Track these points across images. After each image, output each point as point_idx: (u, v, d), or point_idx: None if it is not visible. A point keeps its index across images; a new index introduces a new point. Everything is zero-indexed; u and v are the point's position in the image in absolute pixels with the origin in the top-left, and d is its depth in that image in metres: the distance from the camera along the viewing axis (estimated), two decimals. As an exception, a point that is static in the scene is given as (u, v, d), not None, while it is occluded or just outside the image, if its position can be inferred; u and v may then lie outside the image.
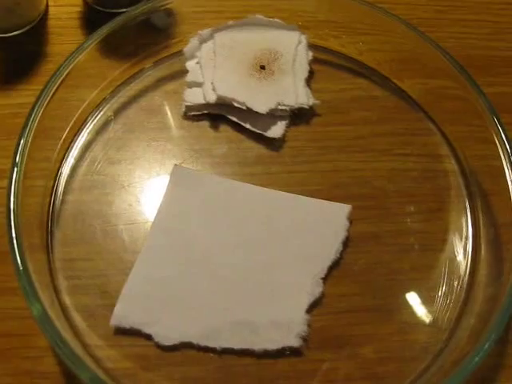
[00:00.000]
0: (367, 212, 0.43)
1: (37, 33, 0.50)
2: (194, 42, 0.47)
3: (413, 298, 0.40)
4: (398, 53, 0.49)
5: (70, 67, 0.44)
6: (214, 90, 0.44)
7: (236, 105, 0.44)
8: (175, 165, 0.43)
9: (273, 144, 0.45)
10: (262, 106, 0.43)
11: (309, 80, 0.47)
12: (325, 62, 0.49)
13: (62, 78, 0.43)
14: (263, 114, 0.44)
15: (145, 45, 0.48)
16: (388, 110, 0.47)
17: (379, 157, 0.45)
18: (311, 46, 0.48)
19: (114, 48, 0.47)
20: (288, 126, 0.45)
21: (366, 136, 0.46)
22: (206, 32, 0.47)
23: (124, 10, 0.50)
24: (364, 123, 0.46)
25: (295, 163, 0.44)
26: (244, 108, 0.44)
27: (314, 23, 0.50)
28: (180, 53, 0.48)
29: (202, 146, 0.45)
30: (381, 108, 0.47)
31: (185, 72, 0.47)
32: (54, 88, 0.43)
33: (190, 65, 0.47)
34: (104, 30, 0.45)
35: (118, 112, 0.46)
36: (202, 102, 0.45)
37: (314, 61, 0.48)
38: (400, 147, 0.46)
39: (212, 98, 0.44)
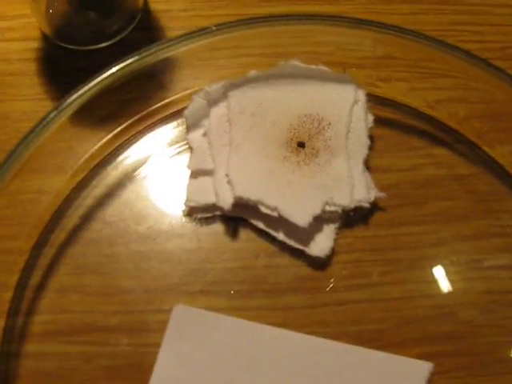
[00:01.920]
0: (451, 361, 0.30)
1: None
2: (198, 101, 0.32)
3: None
4: (487, 105, 0.34)
5: (30, 149, 0.30)
6: (229, 186, 0.30)
7: (263, 210, 0.30)
8: (176, 305, 0.30)
9: (317, 259, 0.31)
10: (301, 214, 0.29)
11: (367, 157, 0.33)
12: (386, 123, 0.34)
13: (15, 164, 0.30)
14: (303, 222, 0.30)
15: (129, 106, 0.34)
16: (479, 196, 0.33)
17: (466, 273, 0.31)
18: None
19: (88, 115, 0.32)
20: (339, 229, 0.31)
21: (449, 240, 0.32)
22: (215, 88, 0.32)
23: (94, 46, 0.35)
24: (445, 220, 0.32)
25: (349, 288, 0.31)
26: (275, 215, 0.30)
27: (368, 61, 0.35)
28: (178, 116, 0.33)
29: (213, 262, 0.31)
30: (468, 194, 0.33)
31: (186, 148, 0.33)
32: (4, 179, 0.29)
33: (194, 138, 0.32)
34: (79, 97, 0.31)
35: (92, 210, 0.32)
36: (213, 202, 0.30)
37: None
38: (495, 256, 0.32)
39: (227, 203, 0.30)
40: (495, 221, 0.32)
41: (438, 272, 0.31)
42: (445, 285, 0.31)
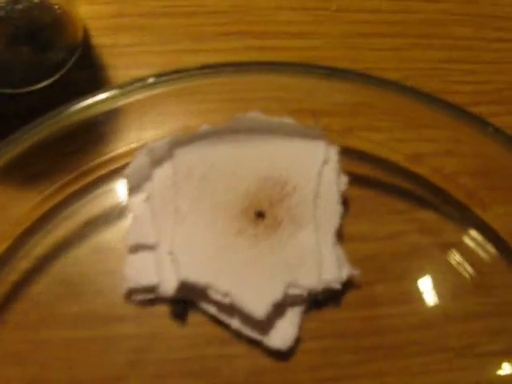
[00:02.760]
0: None
1: None
2: (140, 159, 0.28)
3: None
4: (477, 160, 0.29)
5: None
6: (173, 266, 0.25)
7: (214, 296, 0.25)
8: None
9: (277, 350, 0.26)
10: (258, 302, 0.25)
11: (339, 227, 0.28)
12: (362, 181, 0.30)
13: None
14: (261, 309, 0.25)
15: (64, 161, 0.29)
16: (470, 268, 0.28)
17: (455, 361, 0.27)
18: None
19: (16, 172, 0.28)
20: (305, 313, 0.27)
21: (435, 323, 0.27)
22: (160, 144, 0.27)
23: (27, 89, 0.31)
24: (431, 298, 0.28)
25: (315, 382, 0.26)
26: (227, 302, 0.25)
27: (342, 108, 0.30)
28: (122, 174, 0.29)
29: (157, 351, 0.26)
30: (458, 265, 0.28)
31: (127, 213, 0.28)
32: None
33: (135, 204, 0.27)
34: (6, 152, 0.27)
35: (17, 287, 0.28)
36: (155, 283, 0.26)
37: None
38: (489, 340, 0.27)
39: (171, 287, 0.25)
40: (489, 298, 0.28)
41: (423, 361, 0.27)
42: (430, 376, 0.27)
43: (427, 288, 0.28)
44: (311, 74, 0.26)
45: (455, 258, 0.28)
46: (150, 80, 0.26)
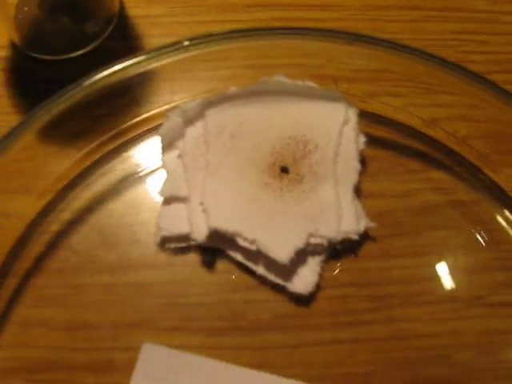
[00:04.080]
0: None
1: None
2: (173, 119, 0.30)
3: None
4: (491, 125, 0.31)
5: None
6: (204, 215, 0.27)
7: (241, 243, 0.27)
8: (145, 344, 0.27)
9: (299, 295, 0.28)
10: (282, 249, 0.27)
11: (357, 183, 0.30)
12: (380, 143, 0.31)
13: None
14: (284, 256, 0.27)
15: (101, 122, 0.31)
16: (480, 225, 0.30)
17: (464, 310, 0.29)
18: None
19: (57, 131, 0.30)
20: (325, 262, 0.29)
21: (446, 274, 0.29)
22: (192, 106, 0.29)
23: (66, 56, 0.33)
24: (442, 252, 0.30)
25: (334, 327, 0.28)
26: (253, 249, 0.27)
27: (361, 74, 0.32)
28: (155, 134, 0.31)
29: (187, 296, 0.29)
30: (468, 223, 0.30)
31: (159, 170, 0.30)
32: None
33: (169, 161, 0.29)
34: (48, 112, 0.29)
35: (58, 237, 0.30)
36: (187, 232, 0.28)
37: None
38: (497, 292, 0.29)
39: (201, 234, 0.27)
40: (497, 253, 0.30)
41: (433, 309, 0.29)
42: (440, 324, 0.28)
43: (438, 242, 0.30)
44: (333, 39, 0.28)
45: (466, 215, 0.30)
46: (186, 43, 0.28)
